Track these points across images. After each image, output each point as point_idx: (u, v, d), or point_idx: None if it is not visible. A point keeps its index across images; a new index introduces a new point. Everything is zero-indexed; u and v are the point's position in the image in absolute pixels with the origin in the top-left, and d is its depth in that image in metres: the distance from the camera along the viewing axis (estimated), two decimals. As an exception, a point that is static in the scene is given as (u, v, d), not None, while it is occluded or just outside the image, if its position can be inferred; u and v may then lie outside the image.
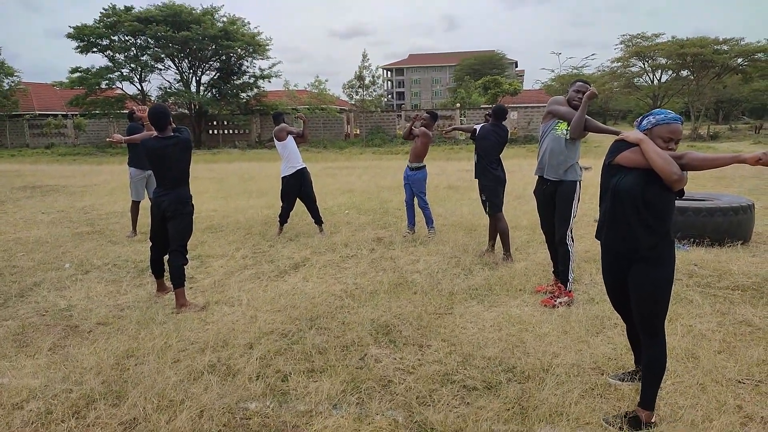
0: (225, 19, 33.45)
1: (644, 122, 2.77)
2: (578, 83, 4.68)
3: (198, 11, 32.77)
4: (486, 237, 6.81)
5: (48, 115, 36.88)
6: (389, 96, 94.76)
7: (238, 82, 35.32)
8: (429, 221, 7.30)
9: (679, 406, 2.92)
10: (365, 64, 34.16)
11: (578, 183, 4.64)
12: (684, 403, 2.96)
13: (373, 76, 34.71)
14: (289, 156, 7.43)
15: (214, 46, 32.63)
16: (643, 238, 2.71)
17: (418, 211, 7.37)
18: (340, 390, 3.17)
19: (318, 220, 7.64)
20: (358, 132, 33.99)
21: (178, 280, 4.65)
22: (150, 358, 3.58)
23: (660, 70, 41.88)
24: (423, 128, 7.16)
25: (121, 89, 33.69)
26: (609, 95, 48.38)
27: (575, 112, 4.46)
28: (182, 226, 4.71)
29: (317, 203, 7.65)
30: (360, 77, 33.84)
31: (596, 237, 3.01)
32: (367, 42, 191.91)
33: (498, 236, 6.07)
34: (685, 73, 40.07)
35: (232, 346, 3.80)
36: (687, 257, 5.78)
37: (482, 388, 3.20)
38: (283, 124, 7.48)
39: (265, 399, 3.11)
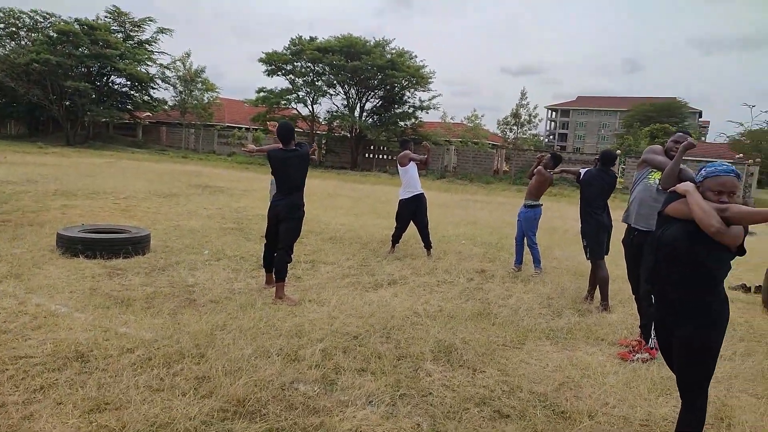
0: (394, 51, 35.64)
1: (698, 175, 2.72)
2: (678, 134, 4.52)
3: (371, 44, 35.36)
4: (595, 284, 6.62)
5: (234, 128, 42.08)
6: (550, 137, 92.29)
7: (398, 110, 37.22)
8: (536, 261, 7.25)
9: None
10: (523, 101, 34.02)
11: None
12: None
13: (530, 115, 34.36)
14: (409, 181, 7.89)
15: (380, 76, 34.88)
16: (691, 294, 2.64)
17: (527, 249, 7.36)
18: (380, 390, 3.46)
19: (427, 245, 7.97)
20: (507, 169, 33.74)
21: (280, 275, 5.29)
22: (236, 333, 4.19)
23: None
24: (540, 168, 7.19)
25: (296, 110, 37.36)
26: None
27: (669, 162, 4.30)
28: (291, 228, 5.36)
29: (428, 228, 7.99)
30: (516, 115, 33.71)
31: (646, 282, 2.97)
32: (539, 80, 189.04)
33: (597, 284, 5.88)
34: None
35: (305, 337, 4.27)
36: None
37: (515, 416, 3.27)
38: (406, 151, 7.99)
39: (315, 384, 3.50)
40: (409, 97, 36.66)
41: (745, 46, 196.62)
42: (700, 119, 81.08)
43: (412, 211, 7.87)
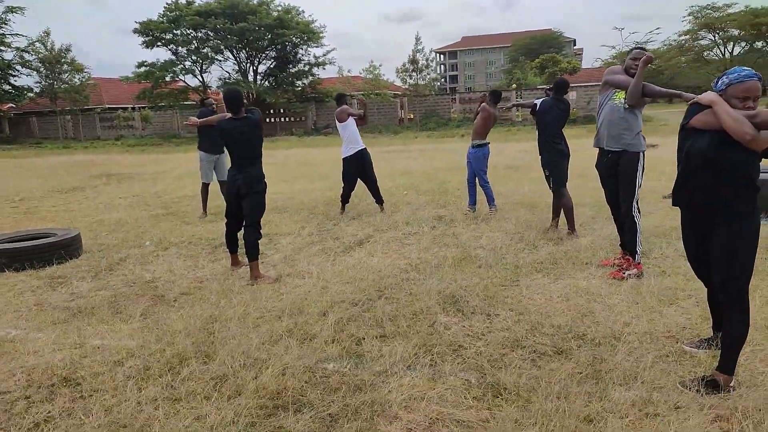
0: (280, 8, 34.07)
1: (719, 83, 2.71)
2: (635, 50, 4.59)
3: (254, 2, 33.51)
4: (549, 214, 6.77)
5: (117, 109, 38.76)
6: (442, 80, 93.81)
7: (293, 70, 35.98)
8: (490, 199, 7.30)
9: (759, 372, 2.88)
10: (418, 47, 34.04)
11: (641, 154, 4.54)
12: (764, 369, 2.91)
13: (426, 60, 34.50)
14: (350, 137, 7.58)
15: (269, 36, 33.35)
16: (721, 196, 2.67)
17: (479, 189, 7.38)
18: (412, 353, 3.30)
19: (379, 200, 7.78)
20: (412, 116, 33.96)
21: (253, 254, 4.90)
22: (232, 323, 3.82)
23: (732, 43, 39.60)
24: (483, 104, 7.15)
25: (184, 81, 34.98)
26: (676, 70, 46.18)
27: (632, 80, 4.37)
28: (255, 203, 4.94)
29: (377, 183, 7.79)
30: (414, 61, 33.69)
31: (673, 202, 2.98)
32: (420, 25, 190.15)
33: (562, 212, 6.02)
34: (759, 44, 37.69)
35: (306, 313, 3.99)
36: (765, 231, 5.54)
37: (552, 353, 3.25)
38: (344, 106, 7.65)
39: (342, 360, 3.27)
40: (303, 55, 35.57)
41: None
42: (574, 47, 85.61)
43: (358, 167, 7.61)
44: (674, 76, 51.59)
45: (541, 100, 5.87)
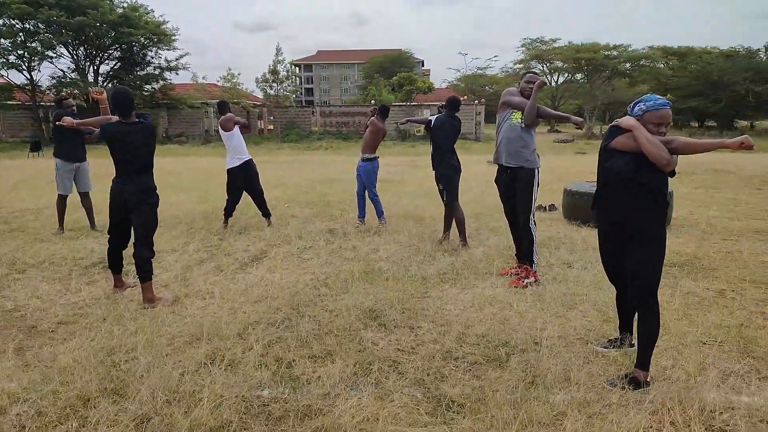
0: (125, 4, 31.44)
1: (636, 108, 3.04)
2: (528, 74, 5.00)
3: (96, -5, 30.51)
4: (437, 226, 7.05)
5: None
6: (297, 92, 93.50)
7: (141, 73, 33.38)
8: (379, 213, 7.39)
9: (663, 367, 3.24)
10: (279, 57, 33.58)
11: (536, 170, 4.93)
12: (666, 363, 3.28)
13: (288, 71, 34.13)
14: (236, 147, 7.22)
15: (113, 34, 30.57)
16: (643, 215, 2.98)
17: (368, 202, 7.44)
18: (351, 373, 3.20)
19: (266, 213, 7.49)
20: (272, 127, 33.33)
21: (146, 274, 4.41)
22: (138, 353, 3.39)
23: (557, 73, 44.83)
24: (373, 119, 7.24)
25: (7, 78, 30.65)
26: (512, 95, 50.89)
27: (527, 102, 4.76)
28: (148, 217, 4.47)
29: (264, 196, 7.50)
30: (274, 71, 33.15)
31: (592, 209, 3.26)
32: (275, 36, 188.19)
33: (453, 224, 6.28)
34: (579, 76, 43.15)
35: (222, 337, 3.68)
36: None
37: (486, 362, 3.35)
38: (229, 114, 7.26)
39: (277, 386, 3.06)
40: (152, 58, 33.08)
41: (446, 2, 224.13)
42: (423, 68, 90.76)
43: (245, 179, 7.25)
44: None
45: (436, 116, 6.10)
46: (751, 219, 7.74)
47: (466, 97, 50.02)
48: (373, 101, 35.12)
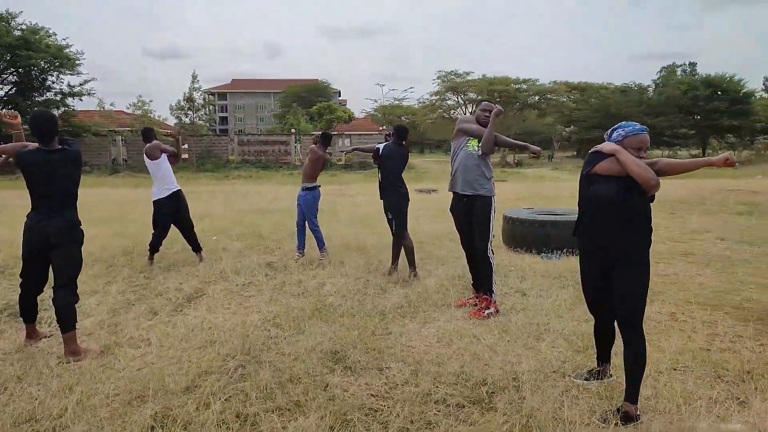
0: (24, 27, 29.26)
1: (614, 134, 3.00)
2: (484, 103, 4.99)
3: (-12, 15, 28.23)
4: (380, 256, 6.85)
5: None
6: (213, 121, 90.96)
7: (40, 99, 31.02)
8: (321, 243, 7.06)
9: (645, 397, 3.16)
10: (195, 85, 32.44)
11: (493, 198, 4.86)
12: (647, 393, 3.21)
13: (204, 99, 33.04)
14: (164, 177, 6.66)
15: (10, 57, 28.29)
16: (630, 238, 2.91)
17: (308, 233, 7.10)
18: (327, 425, 2.85)
19: (196, 247, 6.94)
20: (186, 156, 31.98)
21: (69, 322, 3.82)
22: (69, 419, 2.85)
23: (472, 104, 46.72)
24: (313, 147, 6.97)
25: None
26: (428, 126, 52.42)
27: (484, 130, 4.71)
28: (71, 255, 3.91)
29: (194, 229, 6.96)
30: (190, 99, 31.95)
31: (573, 235, 3.17)
32: (186, 64, 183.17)
33: (402, 254, 6.09)
34: (492, 108, 45.23)
35: (168, 393, 3.20)
36: (565, 265, 6.40)
37: (470, 404, 3.13)
38: (156, 141, 6.71)
39: (244, 448, 2.66)
40: (53, 83, 30.87)
41: (361, 34, 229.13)
42: (339, 98, 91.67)
43: (173, 210, 6.69)
44: (427, 131, 58.56)
45: (384, 144, 5.94)
46: (675, 242, 8.16)
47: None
48: (293, 130, 34.74)
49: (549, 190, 17.34)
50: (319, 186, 7.08)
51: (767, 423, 2.79)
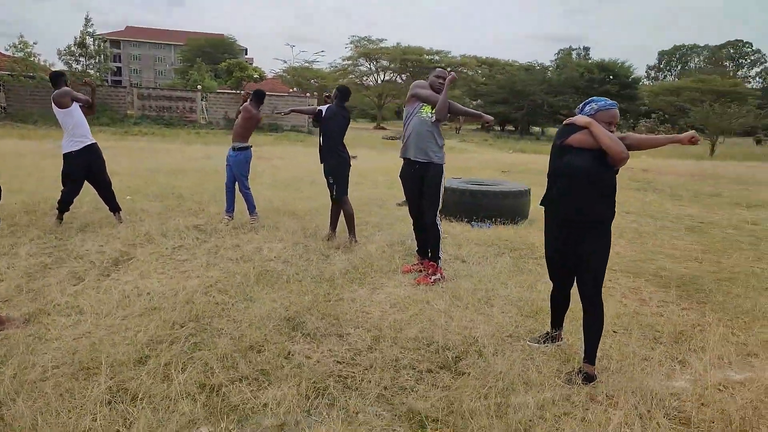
0: None
1: (587, 108, 3.08)
2: (438, 70, 4.93)
3: None
4: (318, 220, 6.73)
5: None
6: (108, 71, 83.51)
7: None
8: (251, 207, 6.77)
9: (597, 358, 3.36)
10: (89, 29, 29.36)
11: (443, 166, 4.86)
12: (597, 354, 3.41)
13: (99, 46, 30.11)
14: (75, 127, 6.01)
15: None
16: (598, 208, 3.03)
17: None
18: (302, 395, 2.75)
19: (114, 207, 6.40)
20: (79, 107, 29.19)
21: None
22: (8, 394, 2.53)
23: (384, 72, 46.61)
24: (246, 105, 6.59)
25: None
26: (340, 92, 51.47)
27: (438, 96, 4.68)
28: None
29: (111, 186, 6.40)
30: (82, 44, 28.96)
31: (541, 204, 3.26)
32: (74, 6, 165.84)
33: (341, 220, 5.98)
34: (404, 77, 45.41)
35: (117, 363, 2.94)
36: (496, 234, 6.63)
37: (437, 368, 3.16)
38: (66, 88, 6.00)
39: (217, 421, 2.51)
40: None
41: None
42: (246, 56, 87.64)
43: (86, 165, 6.09)
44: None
45: (327, 107, 5.72)
46: (588, 214, 8.70)
47: (293, 89, 49.48)
48: (200, 87, 32.76)
49: (459, 161, 17.80)
50: (251, 146, 6.74)
51: (707, 380, 3.06)
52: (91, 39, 29.37)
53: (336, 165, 5.71)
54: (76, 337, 3.28)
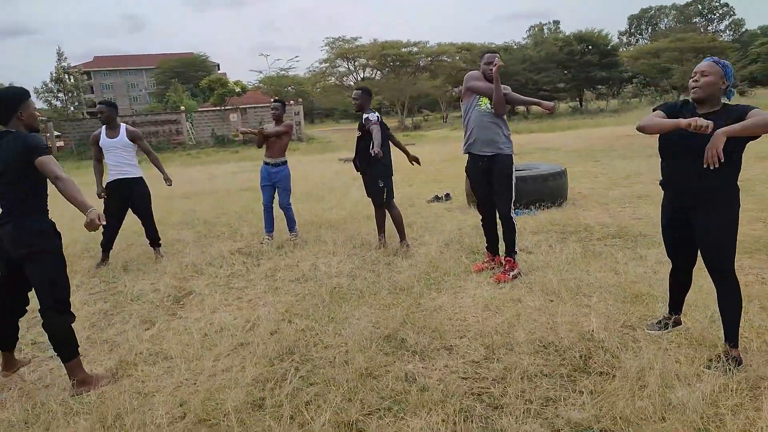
0: None
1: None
2: (487, 55, 4.62)
3: None
4: (352, 228, 6.57)
5: None
6: (75, 103, 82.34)
7: None
8: (292, 223, 6.54)
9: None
10: (63, 64, 28.80)
11: (512, 156, 4.63)
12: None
13: (76, 79, 29.54)
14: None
15: None
16: (720, 183, 2.83)
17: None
18: (449, 421, 2.54)
19: (154, 241, 6.15)
20: (62, 144, 28.70)
21: (69, 349, 3.12)
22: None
23: (364, 70, 46.26)
24: (287, 122, 6.39)
25: None
26: (320, 95, 51.15)
27: (492, 86, 4.44)
28: (50, 268, 3.13)
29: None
30: (59, 80, 28.41)
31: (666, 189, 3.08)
32: (37, 42, 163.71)
33: (391, 225, 5.77)
34: (385, 71, 45.09)
35: (236, 411, 2.70)
36: (546, 219, 6.44)
37: (571, 372, 2.95)
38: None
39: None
40: None
41: (230, 3, 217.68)
42: (219, 71, 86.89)
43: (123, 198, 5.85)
44: (315, 100, 56.49)
45: (376, 114, 5.49)
46: (621, 187, 8.56)
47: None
48: (183, 107, 32.29)
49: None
50: (286, 161, 6.51)
51: None
52: (66, 74, 28.78)
53: (384, 168, 5.49)
54: (177, 387, 3.04)
